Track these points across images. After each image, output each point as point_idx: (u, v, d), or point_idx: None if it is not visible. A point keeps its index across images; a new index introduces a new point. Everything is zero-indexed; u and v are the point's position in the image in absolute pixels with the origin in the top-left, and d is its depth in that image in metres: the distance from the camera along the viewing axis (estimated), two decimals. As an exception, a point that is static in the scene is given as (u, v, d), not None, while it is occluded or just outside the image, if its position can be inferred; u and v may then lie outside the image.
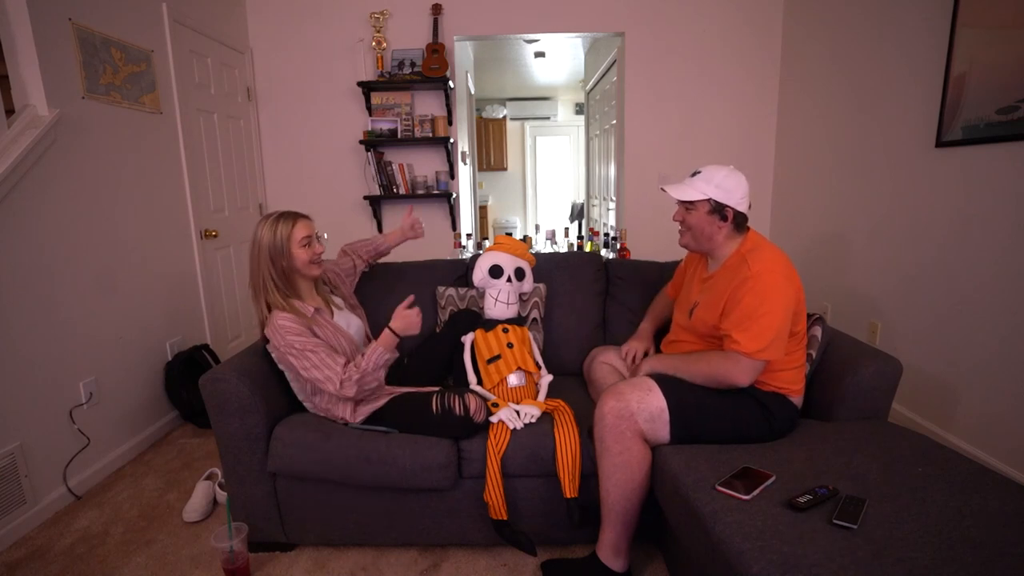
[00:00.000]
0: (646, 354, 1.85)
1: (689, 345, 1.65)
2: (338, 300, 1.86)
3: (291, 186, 3.74)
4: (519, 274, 1.96)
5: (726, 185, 1.51)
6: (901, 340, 2.46)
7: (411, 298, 1.69)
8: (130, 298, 2.43)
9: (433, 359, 1.91)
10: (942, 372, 2.25)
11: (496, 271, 1.93)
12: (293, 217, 1.66)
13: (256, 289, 1.65)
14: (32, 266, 1.95)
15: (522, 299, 2.05)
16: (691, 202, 1.54)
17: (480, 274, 1.95)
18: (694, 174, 1.56)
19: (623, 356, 1.87)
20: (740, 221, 1.54)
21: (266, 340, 1.66)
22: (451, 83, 3.53)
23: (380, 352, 1.60)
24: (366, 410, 1.69)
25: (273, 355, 1.67)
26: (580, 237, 3.47)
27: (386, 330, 1.63)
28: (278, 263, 1.63)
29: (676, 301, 1.82)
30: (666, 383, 1.47)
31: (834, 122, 2.98)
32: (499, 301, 1.91)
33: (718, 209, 1.51)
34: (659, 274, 2.16)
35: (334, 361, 1.57)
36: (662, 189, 1.62)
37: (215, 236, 3.04)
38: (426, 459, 1.55)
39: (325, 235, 1.74)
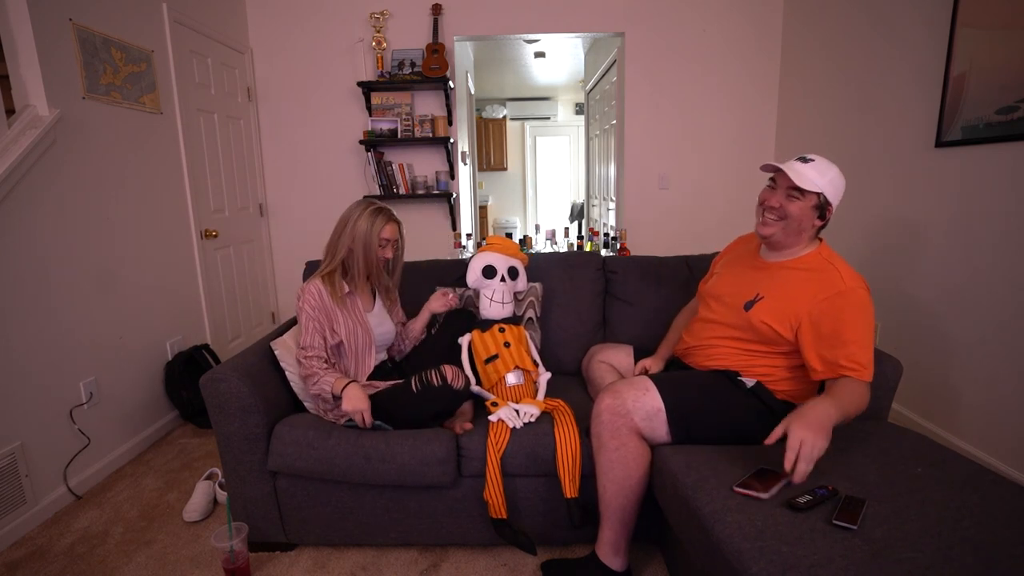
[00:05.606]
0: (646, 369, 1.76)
1: (732, 342, 1.53)
2: (384, 301, 1.91)
3: (291, 186, 3.74)
4: (512, 273, 1.96)
5: (837, 184, 1.40)
6: (901, 340, 2.46)
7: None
8: (130, 298, 2.43)
9: (429, 360, 1.90)
10: (942, 372, 2.25)
11: (489, 271, 1.93)
12: (389, 216, 1.79)
13: (326, 256, 1.79)
14: (32, 266, 1.95)
15: (517, 298, 2.05)
16: (802, 191, 1.38)
17: (474, 275, 1.95)
18: (806, 160, 1.40)
19: (635, 371, 1.76)
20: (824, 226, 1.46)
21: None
22: (451, 83, 3.53)
23: (327, 388, 1.62)
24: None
25: None
26: (580, 237, 3.47)
27: (344, 389, 1.60)
28: (356, 247, 1.75)
29: (708, 292, 1.67)
30: (664, 383, 1.46)
31: (834, 122, 2.98)
32: (494, 301, 1.92)
33: (822, 206, 1.40)
34: (656, 267, 2.16)
35: (315, 341, 1.68)
36: (766, 166, 1.45)
37: (215, 236, 3.04)
38: (425, 454, 1.55)
39: (403, 248, 1.88)
